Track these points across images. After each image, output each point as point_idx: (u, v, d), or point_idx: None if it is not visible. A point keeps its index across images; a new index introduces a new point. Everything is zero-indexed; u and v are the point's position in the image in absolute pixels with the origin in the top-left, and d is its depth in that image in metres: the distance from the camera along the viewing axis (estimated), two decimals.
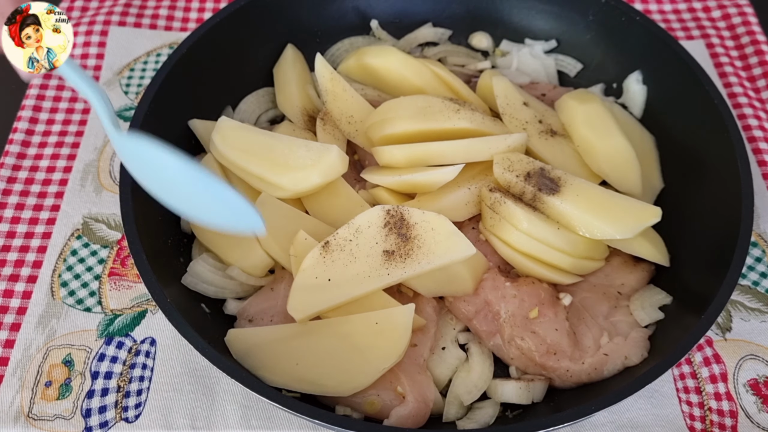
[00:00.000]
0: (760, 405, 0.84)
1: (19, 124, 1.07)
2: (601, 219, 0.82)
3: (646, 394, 0.85)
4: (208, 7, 1.25)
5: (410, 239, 0.79)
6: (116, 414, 0.82)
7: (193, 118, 0.95)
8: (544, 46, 1.12)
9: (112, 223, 0.98)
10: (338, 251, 0.79)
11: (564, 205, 0.83)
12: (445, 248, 0.78)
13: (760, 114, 1.10)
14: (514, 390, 0.80)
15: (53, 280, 0.93)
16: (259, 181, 0.87)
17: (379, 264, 0.78)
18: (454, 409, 0.81)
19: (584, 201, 0.83)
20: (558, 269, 0.85)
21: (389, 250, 0.79)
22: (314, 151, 0.86)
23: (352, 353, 0.76)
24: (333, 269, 0.78)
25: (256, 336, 0.78)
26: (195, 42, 0.95)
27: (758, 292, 0.93)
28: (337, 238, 0.80)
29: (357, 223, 0.80)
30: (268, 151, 0.87)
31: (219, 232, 0.84)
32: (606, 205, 0.83)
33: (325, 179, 0.85)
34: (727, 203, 0.84)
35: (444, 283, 0.83)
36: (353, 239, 0.80)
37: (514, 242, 0.84)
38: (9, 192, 1.00)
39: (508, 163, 0.87)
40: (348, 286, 0.78)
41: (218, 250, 0.88)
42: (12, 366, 0.86)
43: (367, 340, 0.77)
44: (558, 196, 0.84)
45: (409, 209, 0.80)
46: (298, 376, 0.75)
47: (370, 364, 0.76)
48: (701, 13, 1.25)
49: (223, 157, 0.89)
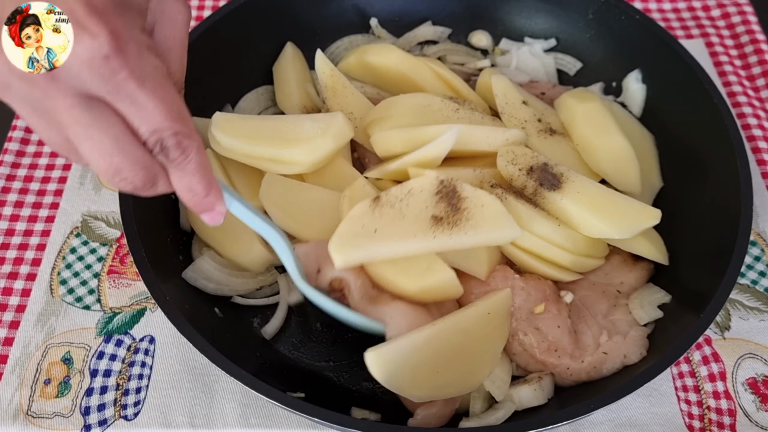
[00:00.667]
0: (759, 404, 0.84)
1: (19, 122, 1.07)
2: (600, 218, 0.82)
3: (645, 393, 0.85)
4: (208, 5, 1.25)
5: (460, 210, 0.78)
6: (115, 412, 0.82)
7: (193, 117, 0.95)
8: (543, 44, 1.12)
9: (111, 221, 0.98)
10: (388, 207, 0.78)
11: (564, 202, 0.83)
12: (494, 225, 0.78)
13: (759, 113, 1.10)
14: (529, 393, 0.79)
15: (52, 277, 0.93)
16: (270, 162, 0.87)
17: (426, 227, 0.77)
18: (479, 404, 0.80)
19: (584, 198, 0.83)
20: (558, 266, 0.85)
21: (438, 216, 0.78)
22: (320, 121, 0.87)
23: (473, 346, 0.77)
24: (381, 222, 0.77)
25: (398, 352, 0.74)
26: (194, 40, 0.95)
27: (757, 291, 0.93)
28: (389, 195, 0.79)
29: (410, 185, 0.80)
30: (274, 131, 0.87)
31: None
32: (606, 204, 0.83)
33: (337, 144, 0.86)
34: (725, 202, 0.84)
35: (462, 257, 0.83)
36: (404, 199, 0.79)
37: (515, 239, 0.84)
38: (8, 190, 1.00)
39: (512, 156, 0.87)
40: (393, 242, 0.77)
41: (218, 247, 0.89)
42: (11, 364, 0.86)
43: (482, 330, 0.78)
44: (559, 192, 0.84)
45: (462, 183, 0.80)
46: (439, 384, 0.74)
47: (488, 353, 0.77)
48: (701, 12, 1.25)
49: (226, 150, 0.88)
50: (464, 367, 0.76)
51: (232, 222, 0.76)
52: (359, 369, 0.84)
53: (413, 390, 0.73)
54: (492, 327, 0.79)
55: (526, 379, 0.81)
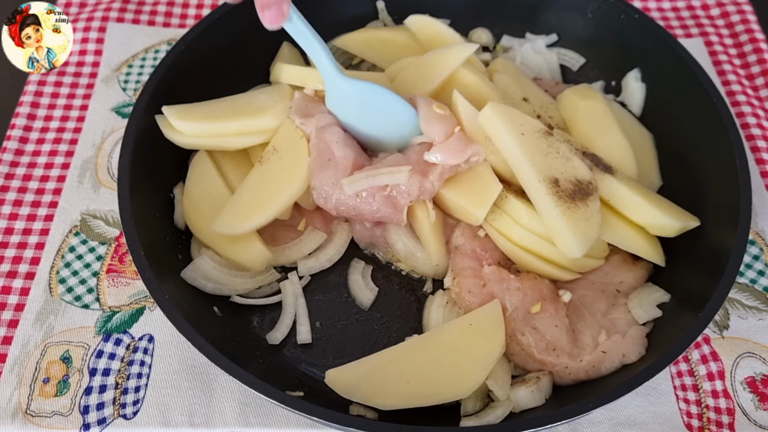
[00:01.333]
0: (757, 402, 0.84)
1: (17, 121, 1.07)
2: (653, 204, 0.85)
3: (644, 392, 0.85)
4: (207, 3, 1.25)
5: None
6: (114, 411, 0.82)
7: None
8: (545, 40, 1.12)
9: (110, 220, 0.98)
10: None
11: (617, 185, 0.85)
12: None
13: (758, 112, 1.10)
14: (527, 395, 0.79)
15: (51, 276, 0.93)
16: (237, 136, 0.91)
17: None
18: (471, 403, 0.80)
19: (637, 186, 0.87)
20: (558, 265, 0.85)
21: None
22: (271, 92, 0.95)
23: (459, 357, 0.78)
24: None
25: (356, 370, 0.78)
26: (193, 39, 0.95)
27: (756, 290, 0.93)
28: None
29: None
30: (233, 108, 0.93)
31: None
32: (655, 197, 0.89)
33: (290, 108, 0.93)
34: (724, 201, 0.84)
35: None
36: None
37: (515, 237, 0.84)
38: (7, 188, 1.00)
39: (567, 137, 0.90)
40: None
41: (216, 247, 0.89)
42: (10, 363, 0.86)
43: (468, 341, 0.79)
44: (614, 176, 0.86)
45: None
46: (413, 393, 0.76)
47: (478, 361, 0.78)
48: (700, 11, 1.25)
49: (190, 135, 0.90)
50: (446, 377, 0.77)
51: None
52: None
53: (381, 400, 0.74)
54: (477, 337, 0.80)
55: (524, 380, 0.81)
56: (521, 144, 0.83)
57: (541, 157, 0.83)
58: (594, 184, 0.83)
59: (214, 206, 0.89)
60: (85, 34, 1.16)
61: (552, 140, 0.84)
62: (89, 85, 1.12)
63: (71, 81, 1.12)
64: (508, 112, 0.84)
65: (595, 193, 0.83)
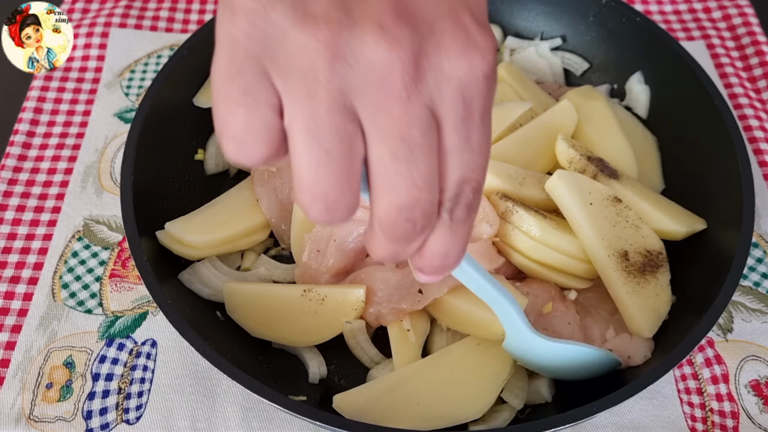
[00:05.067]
0: (762, 406, 0.84)
1: (20, 126, 1.07)
2: (659, 210, 0.84)
3: (648, 395, 0.84)
4: (209, 9, 1.25)
5: None
6: (117, 416, 0.82)
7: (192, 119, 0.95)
8: (550, 43, 1.11)
9: (113, 225, 0.98)
10: None
11: (624, 191, 0.85)
12: None
13: (761, 115, 1.09)
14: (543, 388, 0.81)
15: (54, 281, 0.93)
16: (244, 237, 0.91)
17: None
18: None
19: (643, 191, 0.86)
20: (573, 276, 0.85)
21: None
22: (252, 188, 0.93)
23: (469, 376, 0.77)
24: None
25: (364, 394, 0.78)
26: (195, 44, 0.95)
27: (759, 293, 0.93)
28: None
29: None
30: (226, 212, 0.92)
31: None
32: (661, 200, 0.87)
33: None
34: (727, 204, 0.83)
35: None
36: None
37: (527, 251, 0.83)
38: (10, 194, 1.00)
39: (572, 142, 0.89)
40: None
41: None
42: (13, 368, 0.86)
43: (478, 360, 0.78)
44: (618, 181, 0.86)
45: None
46: (424, 415, 0.75)
47: (489, 381, 0.77)
48: (702, 14, 1.25)
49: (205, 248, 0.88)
50: (458, 399, 0.76)
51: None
52: (361, 372, 0.84)
53: (392, 424, 0.73)
54: (487, 356, 0.79)
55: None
56: (589, 215, 0.81)
57: (609, 228, 0.81)
58: (663, 254, 0.83)
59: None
60: (88, 40, 1.16)
61: (621, 207, 0.83)
62: (92, 91, 1.12)
63: (74, 86, 1.12)
64: (576, 180, 0.83)
65: (665, 264, 0.82)
